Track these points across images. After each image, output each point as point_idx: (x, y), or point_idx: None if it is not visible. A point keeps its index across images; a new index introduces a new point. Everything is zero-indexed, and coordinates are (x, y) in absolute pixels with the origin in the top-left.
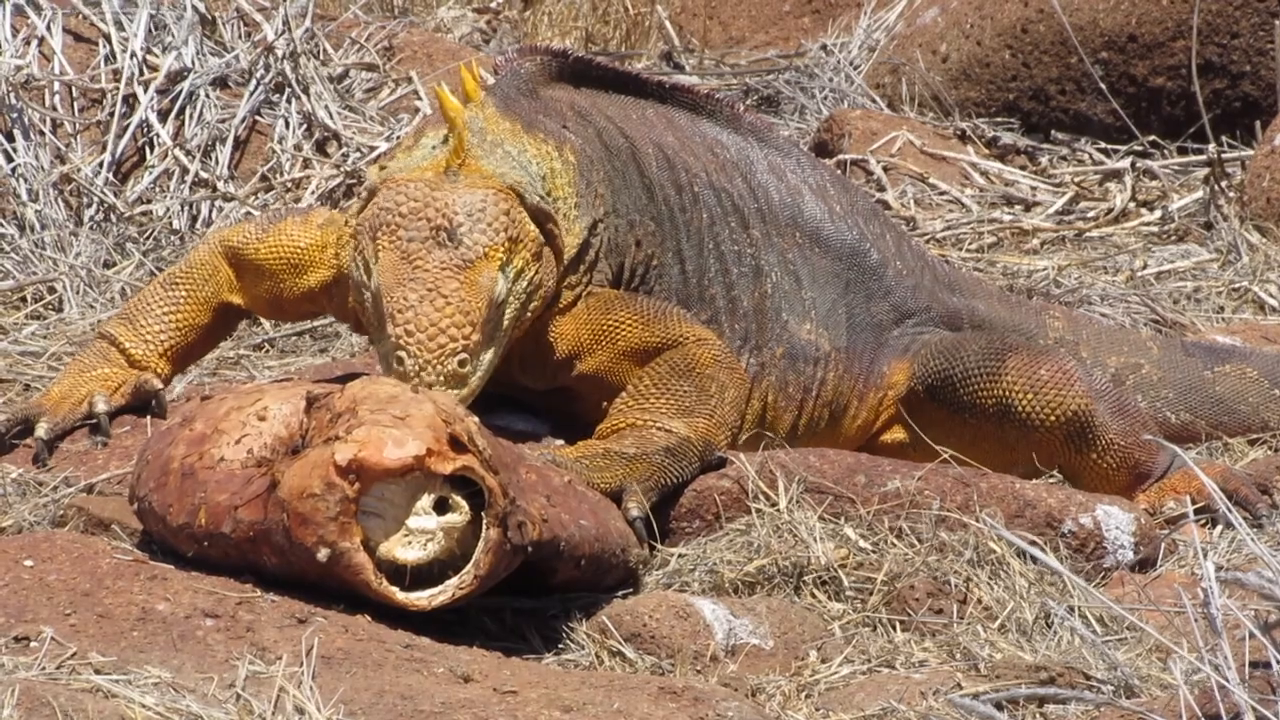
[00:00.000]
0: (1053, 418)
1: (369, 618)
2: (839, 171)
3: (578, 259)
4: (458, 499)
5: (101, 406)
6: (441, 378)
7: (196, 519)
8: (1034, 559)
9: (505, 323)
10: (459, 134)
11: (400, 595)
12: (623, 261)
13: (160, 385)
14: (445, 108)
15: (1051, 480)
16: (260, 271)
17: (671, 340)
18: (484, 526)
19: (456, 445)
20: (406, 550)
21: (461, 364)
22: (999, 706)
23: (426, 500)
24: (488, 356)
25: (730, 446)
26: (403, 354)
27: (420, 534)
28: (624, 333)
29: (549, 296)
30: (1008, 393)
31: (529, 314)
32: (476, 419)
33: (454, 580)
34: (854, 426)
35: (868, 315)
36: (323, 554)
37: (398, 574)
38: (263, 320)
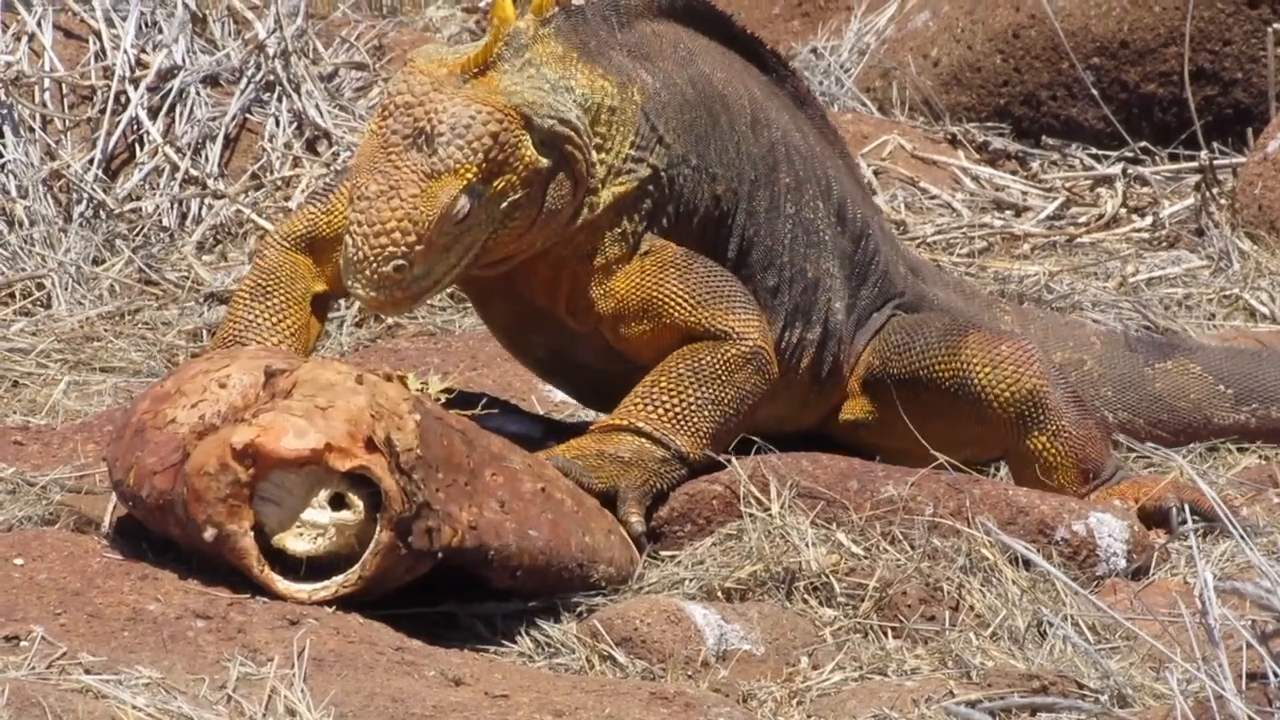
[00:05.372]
0: (1007, 393)
1: (360, 619)
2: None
3: (630, 205)
4: (354, 497)
5: None
6: (376, 277)
7: (128, 478)
8: (1027, 566)
9: (469, 240)
10: (489, 42)
11: (281, 584)
12: (695, 216)
13: None
14: (495, 10)
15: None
16: (339, 241)
17: (713, 330)
18: (377, 529)
19: (371, 444)
20: (297, 541)
21: (397, 269)
22: (992, 715)
23: (323, 495)
24: (438, 268)
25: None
26: (349, 239)
27: (312, 527)
28: (671, 310)
29: (566, 218)
30: (966, 366)
31: (507, 232)
32: (435, 414)
33: (339, 578)
34: (828, 403)
35: (859, 297)
36: (209, 533)
37: (297, 562)
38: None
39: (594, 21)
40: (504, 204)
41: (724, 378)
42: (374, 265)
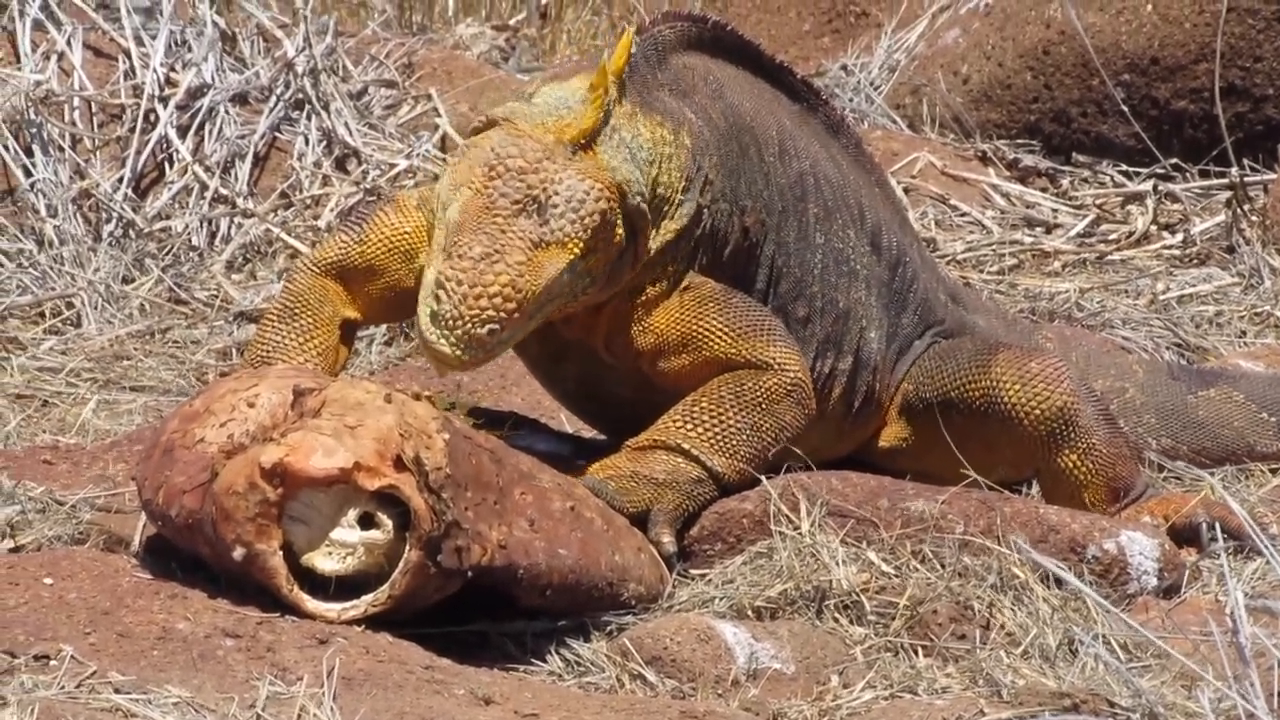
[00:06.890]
0: (1038, 410)
1: (389, 638)
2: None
3: (675, 246)
4: (383, 516)
5: None
6: (467, 337)
7: (157, 497)
8: (1059, 583)
9: (549, 309)
10: (595, 115)
11: (310, 604)
12: (726, 248)
13: None
14: (599, 78)
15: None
16: (371, 272)
17: (755, 362)
18: (406, 548)
19: (400, 463)
20: (326, 560)
21: (490, 334)
22: None
23: (352, 514)
24: (518, 333)
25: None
26: (443, 294)
27: (341, 546)
28: (712, 343)
29: (615, 287)
30: (996, 383)
31: (575, 303)
32: (464, 433)
33: (369, 597)
34: (865, 433)
35: (899, 326)
36: (238, 553)
37: (326, 582)
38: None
39: (642, 68)
40: (587, 279)
41: (764, 406)
42: (468, 326)
